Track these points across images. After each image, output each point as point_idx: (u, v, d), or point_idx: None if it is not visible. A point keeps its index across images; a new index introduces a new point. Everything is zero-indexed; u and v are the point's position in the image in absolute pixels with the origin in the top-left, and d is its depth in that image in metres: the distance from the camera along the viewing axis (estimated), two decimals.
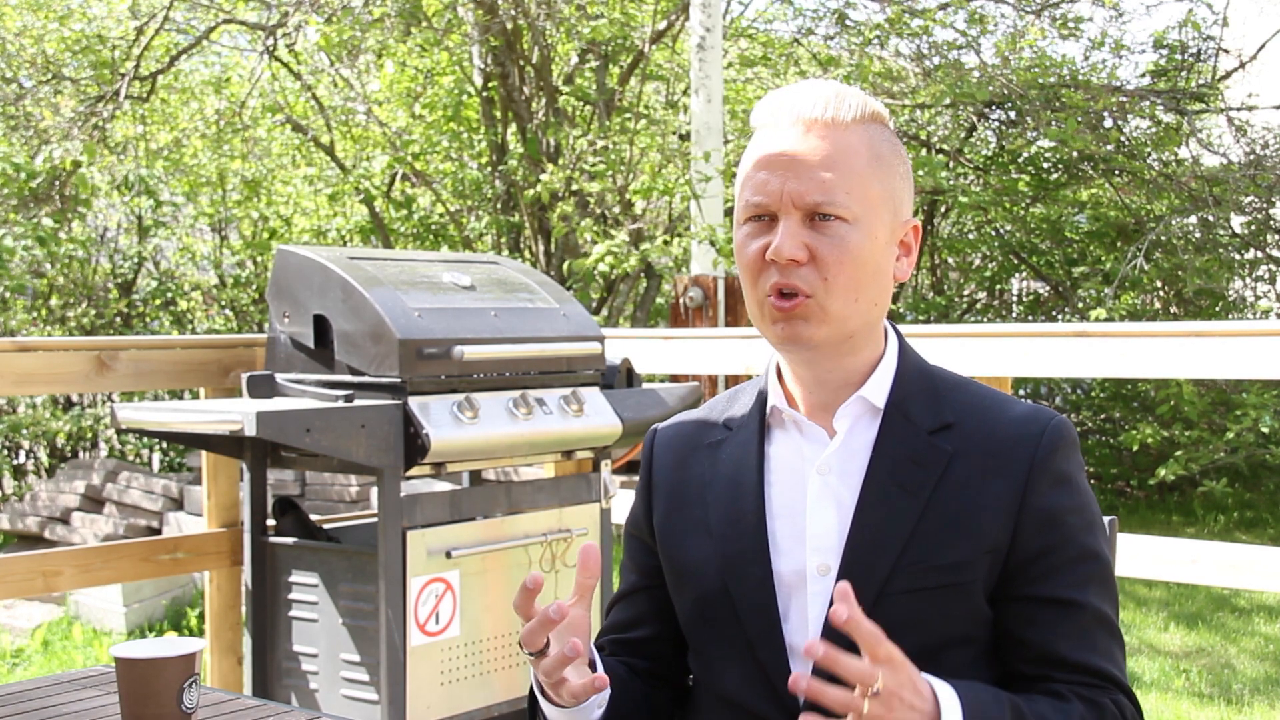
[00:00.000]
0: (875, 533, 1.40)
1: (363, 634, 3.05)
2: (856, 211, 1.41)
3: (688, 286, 7.09)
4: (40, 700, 1.74)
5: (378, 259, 3.29)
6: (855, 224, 1.41)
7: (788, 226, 1.40)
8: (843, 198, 1.40)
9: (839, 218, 1.40)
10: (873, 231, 1.42)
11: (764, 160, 1.43)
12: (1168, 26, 9.28)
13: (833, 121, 1.42)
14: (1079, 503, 1.43)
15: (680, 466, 1.56)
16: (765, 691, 1.43)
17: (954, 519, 1.40)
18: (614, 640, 1.61)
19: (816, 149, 1.41)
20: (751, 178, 1.44)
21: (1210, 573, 3.07)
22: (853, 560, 1.40)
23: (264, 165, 10.27)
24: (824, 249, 1.40)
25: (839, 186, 1.40)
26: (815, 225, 1.41)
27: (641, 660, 1.59)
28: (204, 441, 3.36)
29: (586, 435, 3.31)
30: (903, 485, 1.41)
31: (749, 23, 10.39)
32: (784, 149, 1.42)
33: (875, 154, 1.44)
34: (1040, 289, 10.14)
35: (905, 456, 1.43)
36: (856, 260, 1.41)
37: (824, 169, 1.40)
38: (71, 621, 5.71)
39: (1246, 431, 6.82)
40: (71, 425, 8.28)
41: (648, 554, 1.59)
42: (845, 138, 1.42)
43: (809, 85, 1.47)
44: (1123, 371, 3.24)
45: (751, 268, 1.44)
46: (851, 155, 1.41)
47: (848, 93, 1.45)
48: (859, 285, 1.42)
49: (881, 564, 1.39)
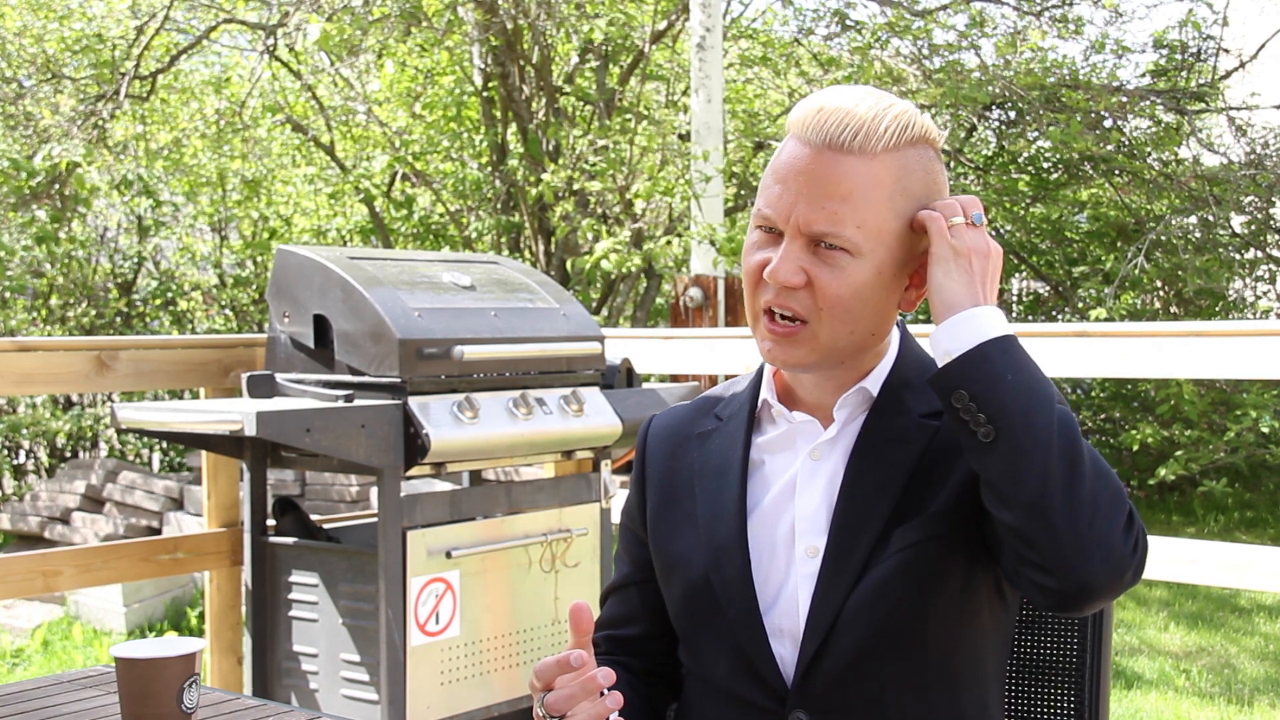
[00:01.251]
0: (860, 508, 1.41)
1: (363, 634, 3.05)
2: (865, 246, 1.36)
3: (688, 286, 7.09)
4: (40, 700, 1.74)
5: (378, 259, 3.29)
6: (860, 257, 1.36)
7: (789, 250, 1.37)
8: (852, 231, 1.35)
9: (843, 249, 1.36)
10: (880, 265, 1.38)
11: (783, 173, 1.39)
12: (1168, 26, 9.28)
13: (861, 149, 1.36)
14: None
15: (672, 456, 1.57)
16: (753, 679, 1.43)
17: (937, 477, 1.40)
18: (609, 637, 1.61)
19: (837, 177, 1.35)
20: (769, 187, 1.40)
21: (1210, 573, 3.07)
22: (840, 535, 1.41)
23: (264, 165, 10.27)
24: (823, 278, 1.36)
25: (850, 220, 1.35)
26: (818, 252, 1.37)
27: (638, 659, 1.59)
28: (204, 441, 3.36)
29: (586, 435, 3.31)
30: (889, 462, 1.42)
31: (749, 23, 10.39)
32: (803, 168, 1.37)
33: (902, 187, 1.38)
34: (1040, 289, 10.14)
35: (894, 436, 1.43)
36: (856, 294, 1.37)
37: (839, 200, 1.35)
38: (71, 621, 5.71)
39: (1246, 431, 6.82)
40: (71, 425, 8.28)
41: (641, 546, 1.59)
42: (871, 168, 1.36)
43: (849, 99, 1.39)
44: (1123, 371, 3.24)
45: (751, 277, 1.42)
46: (873, 188, 1.36)
47: (888, 115, 1.37)
48: (854, 318, 1.39)
49: (868, 533, 1.39)
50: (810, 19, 9.94)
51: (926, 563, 1.38)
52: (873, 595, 1.38)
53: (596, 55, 9.06)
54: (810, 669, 1.40)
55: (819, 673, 1.39)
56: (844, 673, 1.39)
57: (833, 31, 9.14)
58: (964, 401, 1.29)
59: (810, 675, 1.40)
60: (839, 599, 1.39)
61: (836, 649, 1.39)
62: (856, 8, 9.69)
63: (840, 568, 1.40)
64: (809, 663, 1.39)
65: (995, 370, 1.29)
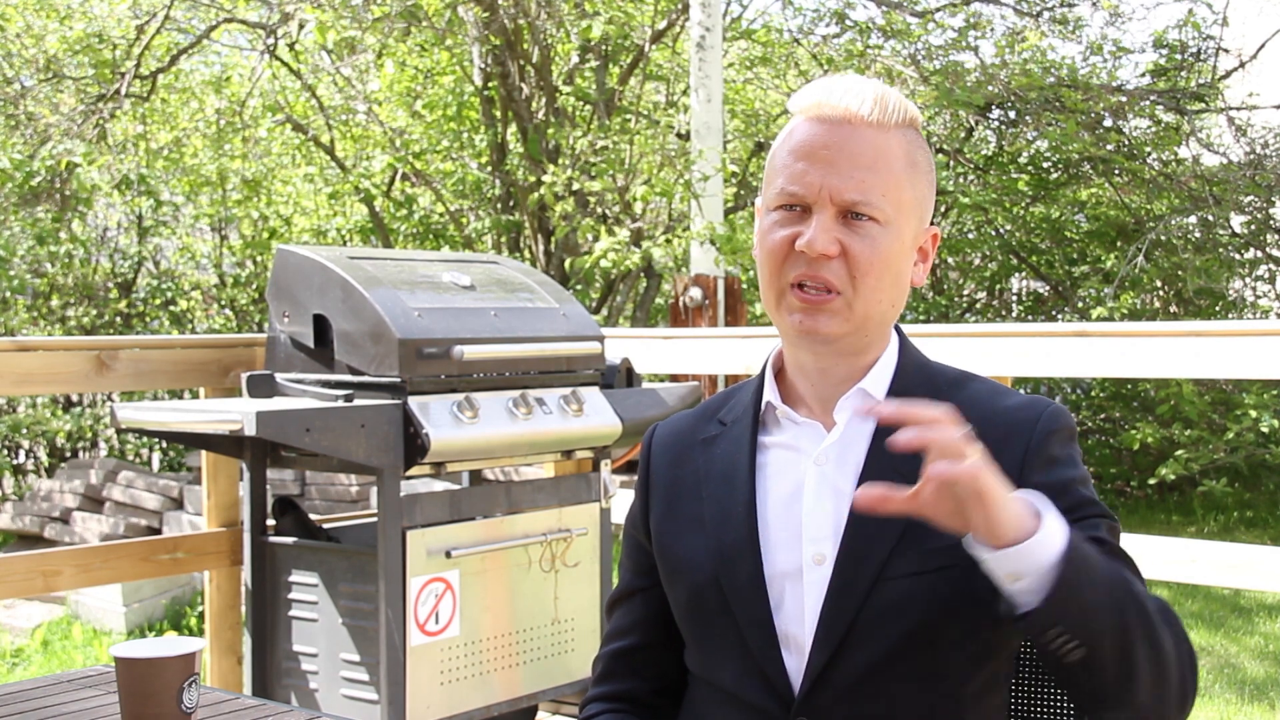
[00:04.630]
0: (874, 518, 1.40)
1: (363, 634, 3.05)
2: (889, 214, 1.41)
3: (688, 286, 7.09)
4: (40, 700, 1.74)
5: (378, 259, 3.29)
6: (886, 226, 1.42)
7: (821, 221, 1.40)
8: (879, 199, 1.41)
9: (872, 218, 1.41)
10: (900, 235, 1.43)
11: (805, 150, 1.43)
12: (1167, 26, 9.27)
13: (877, 123, 1.42)
14: (1080, 475, 1.43)
15: (677, 464, 1.57)
16: (761, 683, 1.43)
17: None
18: (614, 653, 1.61)
19: (860, 147, 1.41)
20: (789, 166, 1.43)
21: (1210, 573, 3.07)
22: (852, 545, 1.40)
23: (264, 165, 10.27)
24: (856, 247, 1.41)
25: (876, 188, 1.41)
26: (848, 223, 1.41)
27: (645, 681, 1.59)
28: (204, 441, 3.36)
29: (586, 435, 3.31)
30: (901, 472, 1.41)
31: (749, 23, 10.39)
32: (827, 142, 1.42)
33: (911, 160, 1.45)
34: (1040, 289, 10.14)
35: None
36: (885, 262, 1.42)
37: (865, 169, 1.40)
38: (71, 621, 5.71)
39: (1246, 431, 6.82)
40: (71, 425, 8.28)
41: (644, 554, 1.59)
42: (887, 140, 1.42)
43: (855, 81, 1.46)
44: (1123, 371, 3.24)
45: (775, 254, 1.43)
46: (891, 158, 1.42)
47: (890, 95, 1.46)
48: (883, 287, 1.43)
49: (880, 548, 1.39)
50: (810, 19, 9.95)
51: (944, 589, 1.38)
52: (888, 613, 1.38)
53: (596, 55, 9.06)
54: (820, 680, 1.39)
55: (828, 684, 1.39)
56: (853, 686, 1.39)
57: (832, 32, 9.14)
58: (1057, 637, 1.28)
59: (819, 686, 1.39)
60: (850, 611, 1.39)
61: (848, 662, 1.39)
62: (856, 8, 9.68)
63: (851, 580, 1.39)
64: (818, 673, 1.39)
65: (1082, 599, 1.27)
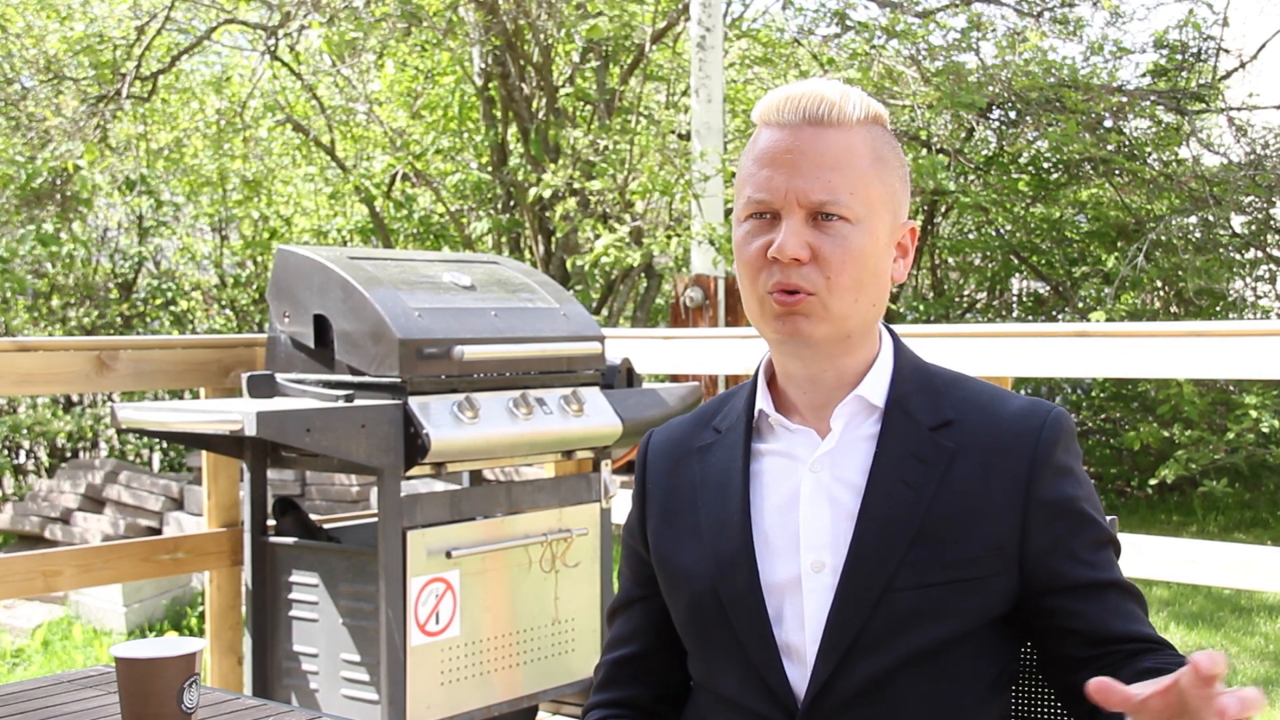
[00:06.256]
0: (882, 528, 1.40)
1: (363, 634, 3.05)
2: (859, 212, 1.41)
3: (688, 286, 7.09)
4: (40, 700, 1.74)
5: (378, 259, 3.29)
6: (858, 224, 1.41)
7: (791, 225, 1.40)
8: (846, 197, 1.40)
9: (842, 217, 1.40)
10: (874, 232, 1.42)
11: (768, 157, 1.43)
12: (1168, 26, 9.28)
13: (838, 121, 1.42)
14: (1085, 491, 1.44)
15: (672, 471, 1.56)
16: (762, 692, 1.42)
17: (959, 515, 1.40)
18: (616, 661, 1.61)
19: (822, 148, 1.41)
20: (754, 174, 1.43)
21: (1210, 573, 3.07)
22: (858, 556, 1.40)
23: (264, 165, 10.28)
24: (827, 248, 1.40)
25: (843, 186, 1.40)
26: (818, 224, 1.41)
27: (646, 688, 1.59)
28: (204, 441, 3.36)
29: (586, 435, 3.31)
30: (907, 481, 1.42)
31: (749, 23, 10.39)
32: (789, 146, 1.42)
33: (877, 155, 1.44)
34: (1040, 289, 10.13)
35: (908, 452, 1.43)
36: (859, 260, 1.41)
37: (829, 168, 1.40)
38: (71, 621, 5.71)
39: (1246, 431, 6.82)
40: (72, 425, 8.28)
41: (643, 563, 1.59)
42: (849, 138, 1.42)
43: (814, 84, 1.47)
44: (1123, 371, 3.24)
45: (752, 265, 1.43)
46: (855, 155, 1.42)
47: (851, 93, 1.45)
48: (860, 285, 1.42)
49: (888, 559, 1.39)
50: (811, 19, 9.95)
51: (952, 601, 1.39)
52: (896, 625, 1.38)
53: (597, 55, 9.06)
54: (824, 690, 1.39)
55: (832, 694, 1.39)
56: (857, 696, 1.38)
57: (833, 32, 9.13)
58: None
59: (823, 696, 1.39)
60: (857, 623, 1.38)
61: (853, 673, 1.38)
62: (857, 8, 9.69)
63: (857, 589, 1.39)
64: (823, 683, 1.39)
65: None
